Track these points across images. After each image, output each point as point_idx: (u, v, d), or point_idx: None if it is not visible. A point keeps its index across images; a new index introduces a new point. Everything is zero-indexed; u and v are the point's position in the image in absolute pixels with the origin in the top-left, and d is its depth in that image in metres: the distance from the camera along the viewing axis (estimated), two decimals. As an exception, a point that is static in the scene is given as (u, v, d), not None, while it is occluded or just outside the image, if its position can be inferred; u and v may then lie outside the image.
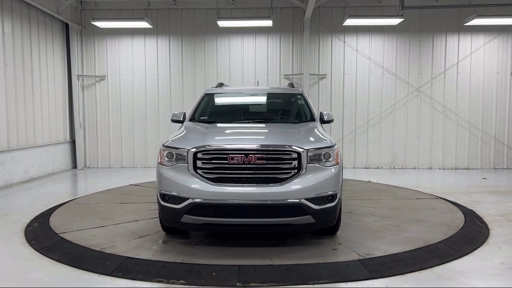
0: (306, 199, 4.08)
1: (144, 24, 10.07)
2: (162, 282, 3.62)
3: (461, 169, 11.02)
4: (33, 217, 5.83)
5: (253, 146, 4.19)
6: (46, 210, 6.17)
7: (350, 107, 11.09)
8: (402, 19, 9.75)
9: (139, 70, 11.19)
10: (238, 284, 3.58)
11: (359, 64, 11.03)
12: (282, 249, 4.46)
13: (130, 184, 8.36)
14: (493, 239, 4.81)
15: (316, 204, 4.13)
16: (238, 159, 4.10)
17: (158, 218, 5.47)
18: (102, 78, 11.22)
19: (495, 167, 11.07)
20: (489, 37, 10.83)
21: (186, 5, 10.98)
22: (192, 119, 5.67)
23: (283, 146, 4.22)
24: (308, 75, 10.78)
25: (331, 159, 4.34)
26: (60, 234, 4.90)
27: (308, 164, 4.20)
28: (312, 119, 5.63)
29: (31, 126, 9.33)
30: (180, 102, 11.17)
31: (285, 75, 11.06)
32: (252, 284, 3.58)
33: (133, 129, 11.30)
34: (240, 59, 11.12)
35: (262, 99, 6.36)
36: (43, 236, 4.92)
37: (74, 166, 11.28)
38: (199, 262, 4.04)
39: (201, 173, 4.18)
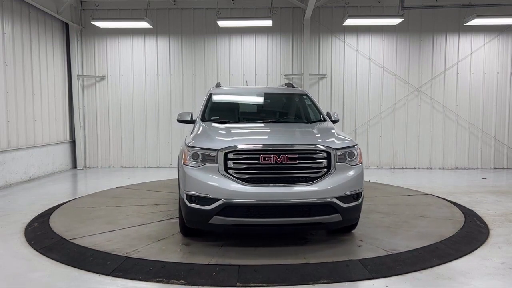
0: (336, 198, 4.17)
1: (144, 24, 10.07)
2: (162, 282, 3.61)
3: (461, 169, 11.02)
4: (33, 217, 5.82)
5: (285, 146, 4.23)
6: (46, 210, 6.17)
7: (350, 107, 11.08)
8: (402, 19, 9.75)
9: (139, 70, 11.19)
10: (238, 284, 3.58)
11: (359, 64, 11.02)
12: (311, 247, 4.50)
13: (116, 187, 8.06)
14: (493, 239, 4.81)
15: (345, 203, 4.22)
16: (270, 159, 4.11)
17: (166, 221, 5.45)
18: (102, 78, 11.22)
19: (495, 167, 11.07)
20: (489, 37, 10.83)
21: (186, 5, 10.98)
22: (203, 118, 5.53)
23: (314, 145, 4.29)
24: (308, 75, 10.77)
25: (355, 158, 4.46)
26: (71, 240, 4.66)
27: (336, 163, 4.29)
28: (323, 119, 5.70)
29: (31, 126, 9.33)
30: (180, 102, 11.17)
31: (285, 75, 11.05)
32: (252, 284, 3.57)
33: (133, 129, 11.30)
34: (240, 59, 11.12)
35: (271, 99, 6.33)
36: (43, 236, 4.92)
37: (74, 166, 11.28)
38: (233, 263, 4.01)
39: (232, 173, 4.14)
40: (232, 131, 4.74)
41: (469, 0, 9.34)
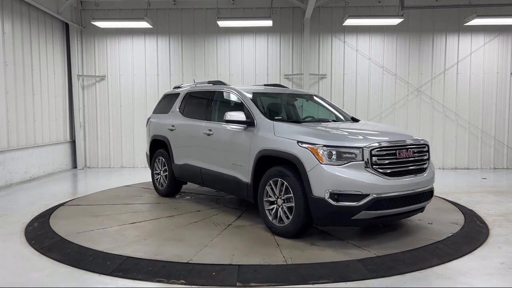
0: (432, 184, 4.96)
1: (144, 24, 10.08)
2: (162, 282, 3.61)
3: (461, 169, 11.02)
4: (33, 217, 5.82)
5: (411, 141, 4.78)
6: (46, 210, 6.16)
7: (350, 107, 11.08)
8: (402, 19, 9.75)
9: (139, 70, 11.19)
10: (238, 284, 3.58)
11: (359, 64, 11.02)
12: (396, 236, 4.85)
13: (63, 203, 6.58)
14: (493, 239, 4.82)
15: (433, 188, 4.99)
16: (403, 154, 4.61)
17: (230, 229, 5.06)
18: (102, 78, 11.22)
19: (495, 167, 11.07)
20: (489, 37, 10.82)
21: (186, 5, 10.97)
22: (268, 118, 5.18)
23: (421, 140, 4.91)
24: (308, 75, 10.77)
25: None
26: (189, 262, 4.01)
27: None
28: (353, 118, 6.10)
29: (31, 126, 9.32)
30: (180, 102, 11.15)
31: (285, 75, 11.05)
32: (252, 284, 3.57)
33: (133, 129, 11.30)
34: (240, 59, 11.12)
35: (300, 100, 6.59)
36: (43, 236, 4.91)
37: (74, 166, 11.28)
38: (386, 253, 4.22)
39: (377, 168, 4.40)
40: (342, 129, 5.00)
41: (469, 0, 9.35)
